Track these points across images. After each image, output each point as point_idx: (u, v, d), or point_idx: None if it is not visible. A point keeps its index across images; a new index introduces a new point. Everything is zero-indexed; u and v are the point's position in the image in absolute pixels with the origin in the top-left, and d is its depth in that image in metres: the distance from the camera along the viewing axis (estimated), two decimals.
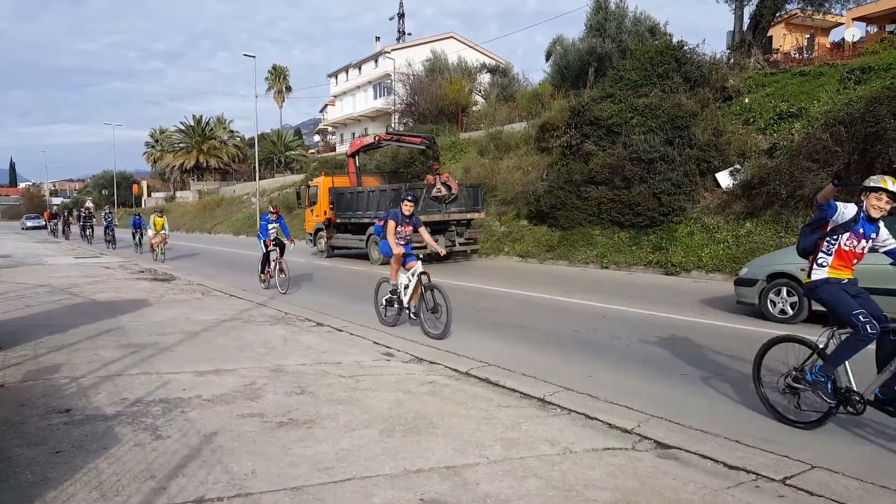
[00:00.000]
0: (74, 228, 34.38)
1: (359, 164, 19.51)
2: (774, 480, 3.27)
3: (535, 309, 9.26)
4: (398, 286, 7.66)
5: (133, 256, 19.80)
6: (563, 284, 11.76)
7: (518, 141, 21.99)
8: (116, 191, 62.51)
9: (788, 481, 3.25)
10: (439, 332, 7.05)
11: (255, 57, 35.90)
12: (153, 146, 65.23)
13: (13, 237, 35.97)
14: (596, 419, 4.25)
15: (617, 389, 5.05)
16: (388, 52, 44.42)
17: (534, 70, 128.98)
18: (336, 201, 18.33)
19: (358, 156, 19.46)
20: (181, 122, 61.51)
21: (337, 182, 19.38)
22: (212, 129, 59.96)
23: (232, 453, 3.56)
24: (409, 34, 56.45)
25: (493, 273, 13.98)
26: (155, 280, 12.90)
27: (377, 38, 51.06)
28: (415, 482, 3.21)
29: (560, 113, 19.63)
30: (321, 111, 60.78)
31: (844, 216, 3.92)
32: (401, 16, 57.73)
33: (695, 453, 3.65)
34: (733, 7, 20.49)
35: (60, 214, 38.41)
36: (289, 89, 58.61)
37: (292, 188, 31.71)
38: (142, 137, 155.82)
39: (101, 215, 29.06)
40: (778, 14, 20.52)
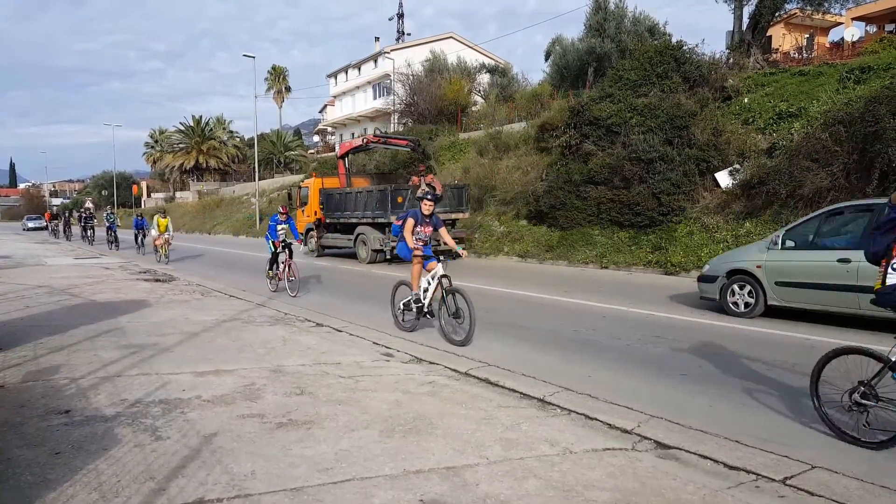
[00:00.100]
0: (75, 229, 34.31)
1: (348, 166, 19.82)
2: (775, 480, 3.28)
3: (535, 309, 9.26)
4: (419, 294, 7.25)
5: (134, 257, 19.78)
6: (563, 284, 11.76)
7: (517, 141, 21.98)
8: (116, 191, 62.56)
9: (789, 481, 3.26)
10: (462, 339, 6.70)
11: (255, 57, 36.09)
12: (153, 147, 65.21)
13: (13, 238, 35.95)
14: (596, 419, 4.25)
15: (617, 390, 5.05)
16: (388, 53, 44.43)
17: (533, 70, 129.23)
18: (326, 202, 18.68)
19: (347, 157, 19.81)
20: (181, 123, 61.55)
21: (327, 183, 19.73)
22: (211, 130, 59.94)
23: (231, 454, 3.56)
24: (409, 34, 56.58)
25: (493, 273, 13.98)
26: (155, 281, 12.89)
27: (377, 39, 51.17)
28: (414, 483, 3.21)
29: (559, 113, 19.61)
30: (321, 111, 60.78)
31: None
32: (400, 16, 57.82)
33: (695, 453, 3.65)
34: (732, 7, 20.48)
35: (61, 215, 38.33)
36: (288, 90, 58.61)
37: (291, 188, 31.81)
38: (141, 138, 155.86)
39: (103, 216, 28.96)
40: (777, 14, 20.51)
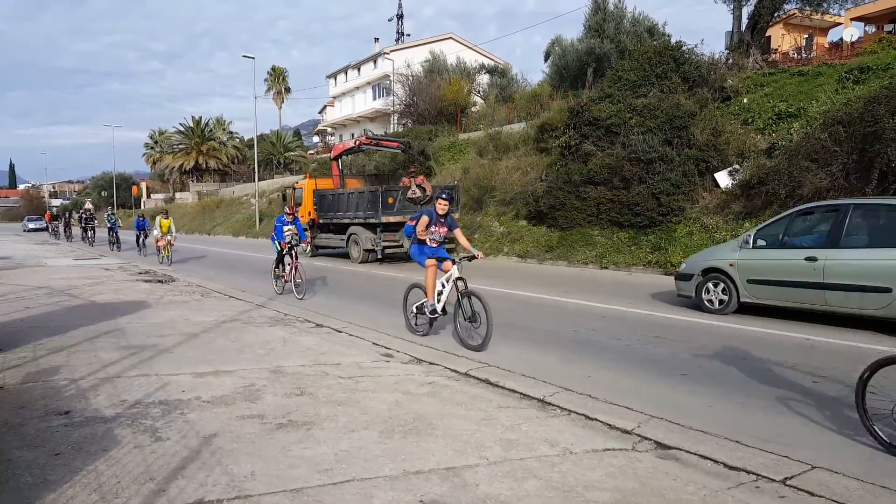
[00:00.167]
0: (76, 230, 34.21)
1: (342, 167, 20.27)
2: (775, 481, 3.27)
3: (535, 309, 9.25)
4: (434, 305, 6.93)
5: (135, 258, 19.74)
6: (563, 285, 11.76)
7: (517, 141, 21.99)
8: (116, 192, 62.58)
9: (789, 482, 3.26)
10: (478, 344, 6.46)
11: (255, 58, 36.10)
12: (152, 147, 65.25)
13: (13, 239, 35.92)
14: (596, 420, 4.25)
15: (617, 390, 5.05)
16: (387, 53, 44.46)
17: (532, 71, 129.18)
18: (319, 203, 19.02)
19: (341, 159, 20.25)
20: (180, 124, 61.58)
21: (320, 184, 20.07)
22: (211, 131, 59.95)
23: (231, 455, 3.55)
24: (408, 35, 56.70)
25: (492, 273, 13.97)
26: (154, 282, 12.89)
27: (376, 39, 51.21)
28: (414, 483, 3.21)
29: (559, 113, 19.61)
30: (320, 112, 60.79)
31: None
32: (400, 17, 57.89)
33: (695, 454, 3.65)
34: (731, 7, 20.49)
35: (61, 216, 38.24)
36: (288, 90, 58.60)
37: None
38: (141, 139, 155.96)
39: (105, 217, 28.79)
40: (776, 14, 20.52)
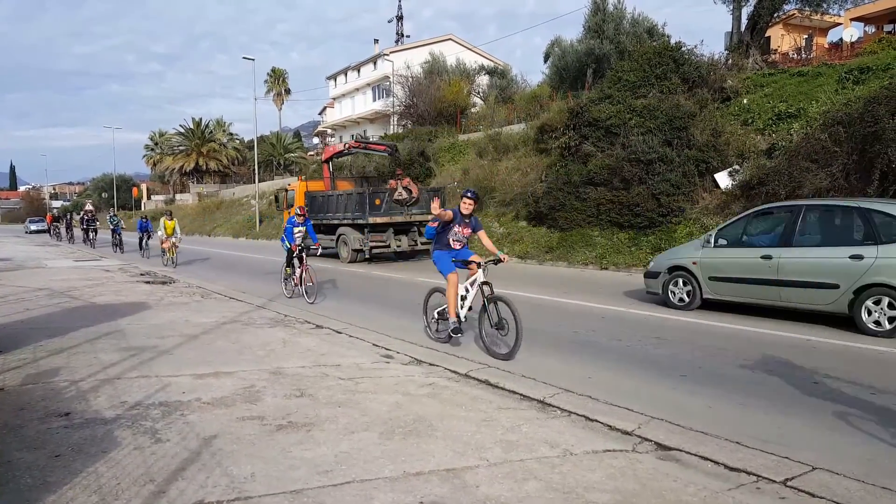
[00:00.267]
0: (77, 232, 34.12)
1: (333, 169, 20.83)
2: (775, 482, 3.27)
3: (535, 310, 9.25)
4: (456, 324, 6.56)
5: (136, 260, 19.69)
6: (563, 285, 11.76)
7: (517, 142, 22.00)
8: (116, 194, 62.62)
9: (789, 483, 3.25)
10: (506, 353, 6.13)
11: (255, 60, 36.14)
12: (153, 149, 65.31)
13: (13, 240, 35.93)
14: (596, 421, 4.25)
15: (617, 391, 5.05)
16: (387, 55, 44.50)
17: (532, 71, 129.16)
18: (310, 204, 19.53)
19: (331, 161, 20.74)
20: (181, 125, 61.64)
21: (311, 186, 20.64)
22: (211, 132, 59.98)
23: (231, 456, 3.55)
24: (408, 36, 56.71)
25: (492, 274, 13.91)
26: (154, 283, 12.89)
27: (376, 41, 51.25)
28: (414, 485, 3.21)
29: (558, 114, 19.62)
30: (320, 113, 60.82)
31: None
32: (399, 18, 57.91)
33: (695, 455, 3.64)
34: (731, 8, 20.49)
35: (63, 217, 38.14)
36: (288, 92, 58.63)
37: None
38: (141, 140, 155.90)
39: (107, 219, 28.58)
40: (776, 14, 20.51)
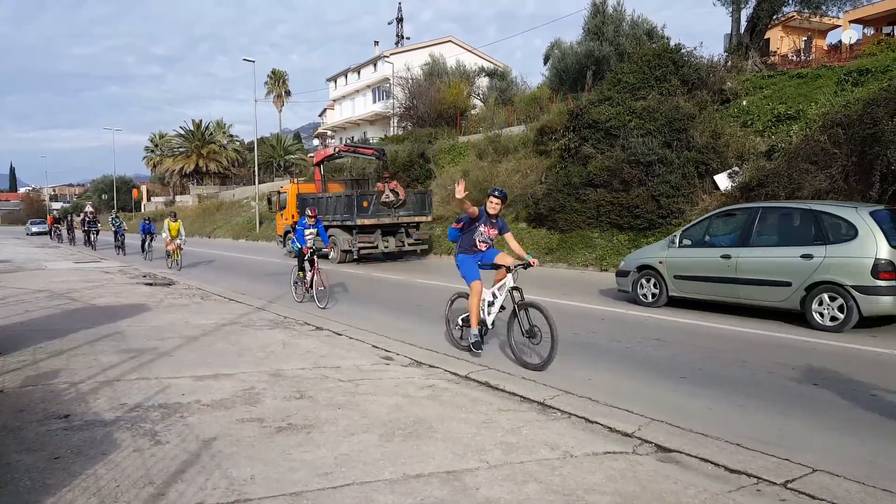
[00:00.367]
0: (78, 233, 33.97)
1: (324, 172, 21.30)
2: (776, 484, 3.26)
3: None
4: (477, 338, 6.27)
5: (137, 261, 19.60)
6: (563, 287, 11.75)
7: (517, 144, 22.00)
8: (116, 195, 62.61)
9: (790, 485, 3.25)
10: (538, 363, 5.72)
11: (255, 62, 36.16)
12: (153, 151, 65.34)
13: (13, 242, 35.91)
14: (596, 423, 4.24)
15: (617, 392, 5.05)
16: (387, 57, 44.55)
17: (532, 73, 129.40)
18: (301, 206, 20.12)
19: (322, 165, 21.17)
20: (181, 127, 61.66)
21: (303, 189, 21.19)
22: (211, 134, 60.02)
23: (231, 458, 3.55)
24: (408, 38, 56.68)
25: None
26: (154, 285, 12.88)
27: (376, 43, 51.28)
28: (414, 487, 3.20)
29: (558, 116, 19.63)
30: (320, 115, 60.86)
31: None
32: (399, 20, 57.89)
33: (695, 457, 3.64)
34: (730, 10, 20.51)
35: (64, 219, 37.99)
36: (288, 93, 58.66)
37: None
38: (141, 142, 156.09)
39: (109, 220, 28.28)
40: (775, 16, 20.54)
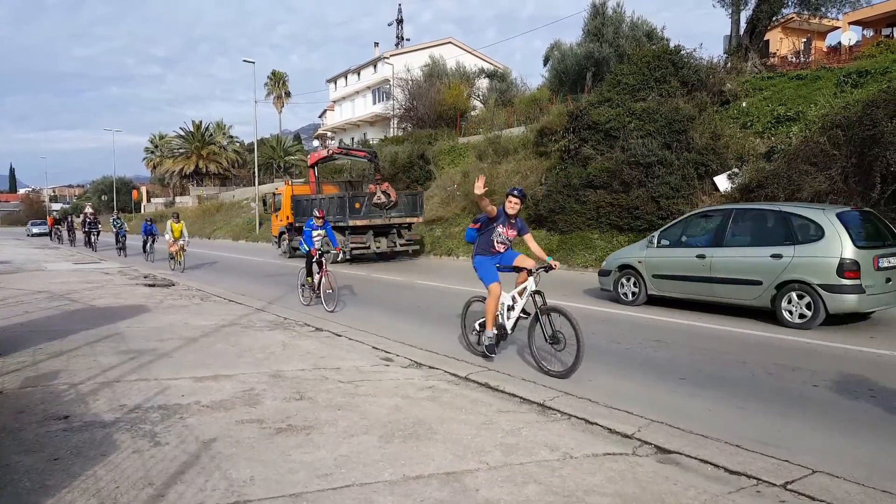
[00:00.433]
0: (79, 234, 33.85)
1: (318, 174, 21.81)
2: (775, 485, 3.26)
3: None
4: (499, 319, 6.10)
5: (141, 264, 19.42)
6: (562, 288, 11.75)
7: (516, 145, 22.02)
8: (116, 196, 62.60)
9: (789, 486, 3.25)
10: (562, 370, 5.49)
11: (255, 63, 36.18)
12: (153, 152, 65.33)
13: (13, 243, 35.90)
14: (596, 424, 4.24)
15: (616, 394, 5.05)
16: (387, 58, 44.59)
17: (532, 75, 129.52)
18: (295, 207, 20.35)
19: (317, 167, 21.64)
20: (181, 128, 61.66)
21: (297, 190, 21.62)
22: (211, 135, 60.03)
23: (230, 460, 3.54)
24: (408, 40, 56.75)
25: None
26: (154, 286, 12.88)
27: (376, 44, 51.32)
28: (414, 488, 3.20)
29: (558, 117, 19.63)
30: (320, 116, 60.91)
31: None
32: (399, 21, 57.95)
33: (695, 458, 3.64)
34: (730, 12, 20.54)
35: (64, 220, 37.86)
36: (288, 95, 58.67)
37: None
38: (141, 143, 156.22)
39: (110, 222, 28.01)
40: (774, 18, 20.58)
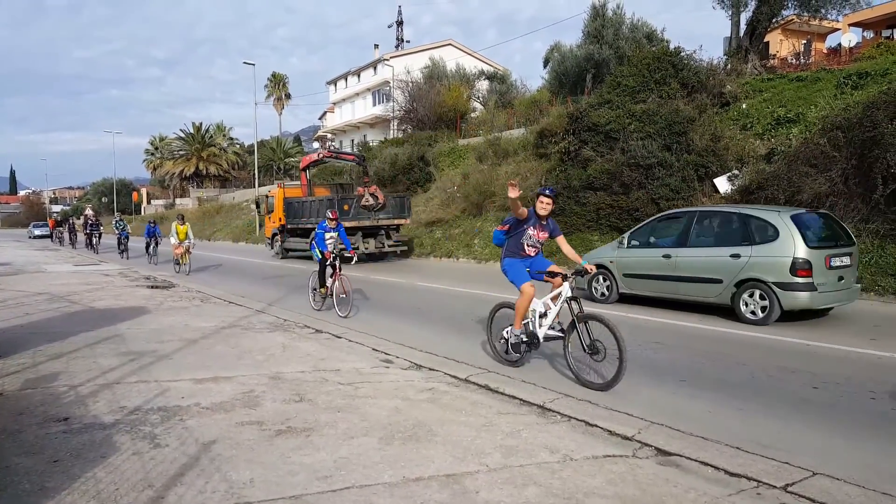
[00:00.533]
0: (80, 236, 33.79)
1: (310, 177, 22.29)
2: (776, 487, 3.26)
3: None
4: (526, 319, 5.77)
5: (143, 266, 19.27)
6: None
7: (516, 147, 22.03)
8: (116, 198, 62.68)
9: (790, 488, 3.24)
10: (602, 383, 5.15)
11: (255, 65, 36.26)
12: (153, 153, 65.35)
13: (13, 245, 35.89)
14: (596, 426, 4.24)
15: (616, 396, 5.04)
16: (387, 60, 44.60)
17: (532, 77, 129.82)
18: (287, 210, 20.72)
19: (308, 170, 22.03)
20: (181, 130, 61.73)
21: (289, 193, 22.03)
22: (211, 137, 60.10)
23: (230, 462, 3.54)
24: (408, 42, 56.72)
25: (492, 279, 13.94)
26: (154, 287, 12.88)
27: (376, 46, 51.32)
28: (414, 491, 3.20)
29: (558, 119, 19.65)
30: (320, 118, 60.92)
31: None
32: (399, 23, 57.95)
33: (695, 460, 3.63)
34: (730, 13, 20.56)
35: (66, 222, 37.74)
36: (288, 96, 58.72)
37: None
38: (141, 145, 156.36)
39: (113, 224, 27.65)
40: (774, 20, 20.59)
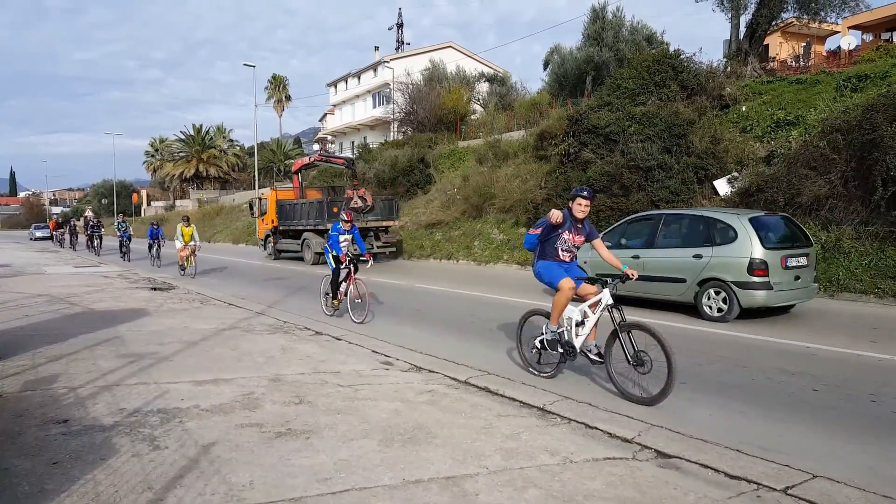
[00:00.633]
0: (81, 238, 33.72)
1: (302, 180, 22.82)
2: (776, 490, 3.26)
3: None
4: (562, 327, 5.49)
5: (144, 268, 19.12)
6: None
7: (516, 149, 22.04)
8: (116, 200, 62.71)
9: (790, 491, 3.24)
10: (650, 397, 4.83)
11: (255, 67, 36.31)
12: (153, 155, 65.39)
13: (13, 246, 35.89)
14: (596, 428, 4.24)
15: (616, 398, 5.04)
16: (387, 62, 44.66)
17: (532, 79, 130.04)
18: (280, 211, 21.18)
19: (301, 173, 22.61)
20: (181, 132, 61.76)
21: (281, 195, 22.43)
22: (211, 139, 60.15)
23: (230, 464, 3.54)
24: (408, 44, 56.84)
25: (493, 281, 13.97)
26: (154, 289, 12.87)
27: (376, 48, 51.42)
28: (414, 493, 3.19)
29: (558, 121, 19.67)
30: (320, 120, 60.96)
31: None
32: (399, 26, 58.07)
33: (695, 462, 3.63)
34: (730, 16, 20.60)
35: (66, 224, 37.62)
36: (288, 98, 58.82)
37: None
38: (141, 146, 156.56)
39: (115, 225, 27.51)
40: (774, 22, 20.62)
